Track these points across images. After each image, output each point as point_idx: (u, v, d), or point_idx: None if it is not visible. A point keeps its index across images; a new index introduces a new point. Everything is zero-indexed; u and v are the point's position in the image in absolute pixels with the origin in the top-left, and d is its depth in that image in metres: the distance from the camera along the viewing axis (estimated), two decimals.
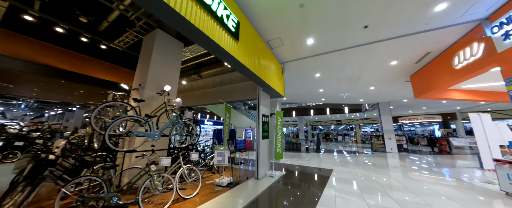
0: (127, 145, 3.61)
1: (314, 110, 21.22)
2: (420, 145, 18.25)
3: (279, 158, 5.19)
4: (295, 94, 10.48)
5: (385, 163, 7.58)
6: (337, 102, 13.11)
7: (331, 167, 6.27)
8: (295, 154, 10.06)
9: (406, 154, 10.74)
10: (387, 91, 9.35)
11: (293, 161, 7.52)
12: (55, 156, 2.75)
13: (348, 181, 4.64)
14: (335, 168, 6.10)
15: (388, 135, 11.63)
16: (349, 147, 15.35)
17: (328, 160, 8.07)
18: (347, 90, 9.34)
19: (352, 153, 11.07)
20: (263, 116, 4.99)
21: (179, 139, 4.07)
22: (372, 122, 22.13)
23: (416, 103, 12.97)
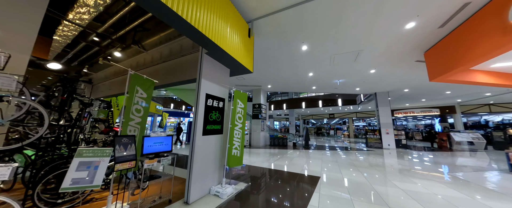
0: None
1: (306, 102, 19.69)
2: (415, 140, 17.29)
3: (237, 165, 3.43)
4: (280, 79, 8.70)
5: (386, 163, 6.06)
6: (330, 92, 11.49)
7: (318, 172, 4.64)
8: (279, 151, 8.43)
9: (404, 150, 9.38)
10: (390, 76, 7.74)
11: (269, 162, 5.86)
12: None
13: (341, 201, 3.00)
14: (324, 174, 4.48)
15: (386, 130, 10.22)
16: (341, 142, 13.99)
17: (317, 159, 6.47)
18: (343, 74, 7.64)
19: (345, 149, 9.61)
20: (209, 98, 3.14)
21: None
22: (366, 115, 20.96)
23: (416, 95, 11.59)
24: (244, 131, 3.48)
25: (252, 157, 6.69)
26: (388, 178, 4.26)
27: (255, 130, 10.20)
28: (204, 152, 2.93)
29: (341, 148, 10.35)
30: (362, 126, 32.81)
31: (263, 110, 10.73)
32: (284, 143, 10.38)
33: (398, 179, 4.16)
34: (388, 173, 4.69)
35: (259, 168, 5.00)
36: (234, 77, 8.40)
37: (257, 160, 6.06)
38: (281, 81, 9.02)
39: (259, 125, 10.12)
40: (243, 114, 3.49)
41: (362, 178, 4.17)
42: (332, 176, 4.30)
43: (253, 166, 5.23)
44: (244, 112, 3.51)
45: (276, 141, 10.40)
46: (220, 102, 3.37)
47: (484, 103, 14.38)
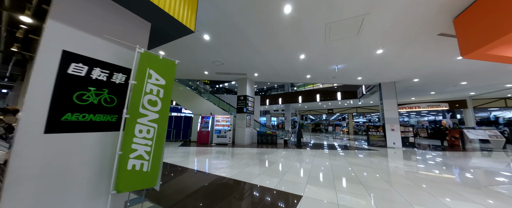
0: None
1: (303, 96, 18.25)
2: (420, 137, 15.95)
3: (141, 187, 1.81)
4: (266, 65, 7.21)
5: (394, 169, 4.67)
6: (328, 82, 10.02)
7: (301, 186, 3.25)
8: (264, 151, 7.06)
9: (412, 150, 8.01)
10: (400, 60, 6.25)
11: (239, 168, 4.47)
12: None
13: None
14: (309, 190, 3.10)
15: (391, 126, 8.82)
16: (340, 140, 12.64)
17: (306, 163, 5.10)
18: (342, 56, 6.16)
19: (343, 148, 8.26)
20: (76, 63, 1.67)
21: None
22: (367, 111, 19.55)
23: (426, 86, 10.12)
24: (165, 126, 2.05)
25: (221, 160, 5.31)
26: (404, 196, 2.87)
27: (239, 126, 8.80)
28: (53, 166, 1.49)
29: (339, 146, 8.99)
30: (362, 122, 31.50)
31: (250, 103, 9.30)
32: (274, 141, 9.02)
33: (418, 199, 2.77)
34: (401, 187, 3.30)
35: (217, 178, 3.61)
36: (212, 62, 6.98)
37: (225, 165, 4.68)
38: (268, 67, 7.54)
39: (244, 120, 8.72)
40: (165, 95, 2.05)
41: (365, 198, 2.78)
42: (320, 194, 2.91)
43: (212, 175, 3.83)
44: (166, 93, 2.07)
45: (264, 139, 9.04)
46: (118, 75, 1.92)
47: (500, 96, 12.93)
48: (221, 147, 7.83)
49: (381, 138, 9.04)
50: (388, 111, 9.10)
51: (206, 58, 6.69)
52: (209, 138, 8.58)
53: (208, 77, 9.40)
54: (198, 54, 6.40)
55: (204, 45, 5.60)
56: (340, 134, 19.60)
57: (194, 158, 5.36)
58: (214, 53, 6.21)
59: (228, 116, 8.95)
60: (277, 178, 3.59)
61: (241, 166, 4.49)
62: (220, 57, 6.56)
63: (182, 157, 5.36)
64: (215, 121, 8.89)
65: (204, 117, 9.04)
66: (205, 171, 4.01)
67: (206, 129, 8.67)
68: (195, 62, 7.17)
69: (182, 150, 6.58)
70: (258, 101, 12.69)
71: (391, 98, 9.13)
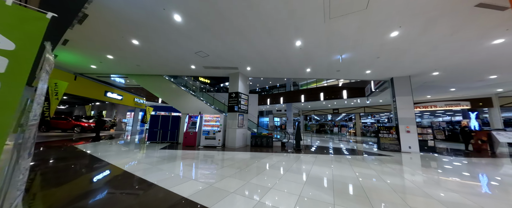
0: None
1: (306, 95, 17.09)
2: (436, 140, 14.37)
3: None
4: (257, 55, 6.21)
5: (422, 185, 3.54)
6: (331, 77, 8.88)
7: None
8: (254, 155, 6.06)
9: (432, 156, 6.75)
10: (418, 46, 5.07)
11: (198, 185, 3.44)
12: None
13: None
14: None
15: (406, 127, 7.57)
16: (346, 142, 11.41)
17: (301, 173, 4.05)
18: (347, 43, 5.05)
19: (349, 152, 7.11)
20: None
21: None
22: (377, 110, 18.08)
23: (446, 81, 8.77)
24: (8, 123, 1.11)
25: (196, 168, 4.36)
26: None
27: (230, 126, 7.84)
28: None
29: (345, 150, 7.83)
30: (370, 123, 29.77)
31: (243, 101, 8.32)
32: (269, 144, 7.99)
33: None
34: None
35: (164, 197, 2.65)
36: (195, 53, 6.01)
37: (195, 176, 3.72)
38: (261, 60, 6.54)
39: (235, 120, 7.75)
40: (11, 70, 1.11)
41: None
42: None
43: (163, 190, 2.87)
44: (14, 66, 1.13)
45: (259, 141, 8.02)
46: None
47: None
48: (209, 150, 6.90)
49: (394, 141, 7.80)
50: (402, 110, 7.85)
51: (187, 48, 5.79)
52: (196, 140, 7.66)
53: (197, 72, 8.52)
54: (176, 43, 5.50)
55: (179, 30, 4.69)
56: (347, 136, 18.24)
57: (164, 165, 4.44)
58: (194, 41, 5.29)
59: (217, 116, 8.01)
60: (252, 201, 2.57)
61: (214, 178, 3.51)
62: (203, 46, 5.64)
63: (149, 164, 4.45)
64: (203, 121, 7.97)
65: (192, 117, 8.14)
66: (158, 185, 3.06)
67: (193, 130, 7.76)
68: (176, 53, 6.29)
69: (158, 155, 5.70)
70: (255, 99, 11.71)
71: (405, 94, 7.88)
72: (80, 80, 10.36)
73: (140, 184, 3.11)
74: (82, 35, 5.31)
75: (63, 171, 3.73)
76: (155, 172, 3.82)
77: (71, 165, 4.20)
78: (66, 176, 3.40)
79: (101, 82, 12.19)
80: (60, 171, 3.72)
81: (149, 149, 6.70)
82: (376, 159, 5.90)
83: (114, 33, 5.06)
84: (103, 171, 3.80)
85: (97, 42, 5.72)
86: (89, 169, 4.00)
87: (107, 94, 12.68)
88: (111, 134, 13.33)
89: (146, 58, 6.96)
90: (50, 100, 8.31)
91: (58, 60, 7.94)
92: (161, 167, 4.23)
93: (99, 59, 7.40)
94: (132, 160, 4.82)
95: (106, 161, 4.62)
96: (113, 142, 8.65)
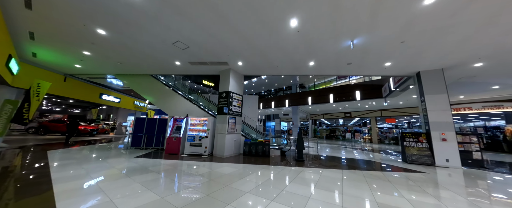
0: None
1: (313, 97, 15.57)
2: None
3: None
4: (246, 45, 5.04)
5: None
6: (341, 73, 7.44)
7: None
8: (243, 168, 4.82)
9: (483, 173, 5.01)
10: (468, 16, 3.59)
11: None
12: None
13: None
14: None
15: (442, 134, 5.89)
16: (360, 151, 9.72)
17: (295, 205, 2.75)
18: (360, 18, 3.72)
19: (366, 166, 5.58)
20: None
21: None
22: (396, 113, 15.95)
23: (491, 75, 6.93)
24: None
25: (148, 190, 3.23)
26: None
27: (219, 131, 6.69)
28: None
29: (360, 163, 6.28)
30: (387, 128, 27.03)
31: (235, 102, 7.17)
32: (266, 152, 6.68)
33: None
34: None
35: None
36: (172, 44, 4.90)
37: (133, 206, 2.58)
38: (252, 51, 5.38)
39: (225, 124, 6.59)
40: None
41: None
42: None
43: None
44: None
45: (253, 149, 6.75)
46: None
47: None
48: (193, 159, 5.78)
49: (425, 151, 6.11)
50: (434, 112, 6.19)
51: (161, 37, 4.83)
52: (180, 147, 6.60)
53: (185, 70, 7.58)
54: (146, 32, 4.57)
55: (143, 13, 3.73)
56: (361, 143, 16.24)
57: (113, 183, 3.37)
58: (163, 27, 4.30)
59: (204, 119, 6.92)
60: None
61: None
62: (178, 34, 4.64)
63: (89, 178, 3.40)
64: (189, 125, 6.91)
65: (177, 120, 7.13)
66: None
67: (177, 136, 6.72)
68: (151, 46, 5.36)
69: (125, 165, 4.68)
70: (255, 102, 10.51)
71: (438, 92, 6.23)
72: (71, 81, 9.95)
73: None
74: (42, 25, 4.60)
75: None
76: (82, 196, 2.74)
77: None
78: None
79: (96, 84, 11.82)
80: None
81: (122, 157, 5.74)
82: (404, 178, 4.36)
83: (72, 20, 4.25)
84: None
85: (63, 33, 4.97)
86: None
87: (102, 97, 12.26)
88: (109, 138, 12.81)
89: (123, 53, 6.14)
90: (31, 101, 7.82)
91: (39, 59, 7.45)
92: (106, 185, 3.16)
93: (77, 56, 6.74)
94: (78, 173, 3.81)
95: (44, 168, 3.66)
96: (92, 147, 7.88)
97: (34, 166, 4.32)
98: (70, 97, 10.22)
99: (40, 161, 4.84)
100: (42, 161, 4.84)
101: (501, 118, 18.07)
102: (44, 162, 4.78)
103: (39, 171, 3.94)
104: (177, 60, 6.49)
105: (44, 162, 4.73)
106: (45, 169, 4.07)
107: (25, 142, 8.74)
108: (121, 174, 3.93)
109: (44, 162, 4.78)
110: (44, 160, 4.95)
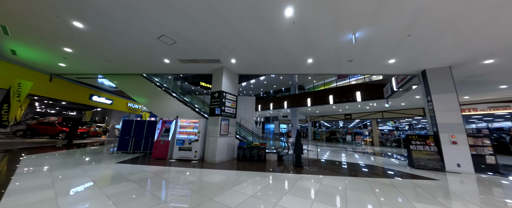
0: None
1: (312, 98, 15.12)
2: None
3: None
4: (237, 39, 4.60)
5: None
6: (341, 71, 7.00)
7: None
8: (234, 175, 4.33)
9: (498, 180, 4.53)
10: (477, 11, 3.17)
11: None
12: None
13: None
14: None
15: (452, 136, 5.43)
16: (361, 153, 9.22)
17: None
18: (364, 7, 3.28)
19: (369, 171, 5.09)
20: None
21: None
22: (398, 115, 15.49)
23: (501, 74, 6.51)
24: None
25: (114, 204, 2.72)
26: None
27: (211, 134, 6.20)
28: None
29: (363, 167, 5.79)
30: (388, 130, 26.55)
31: (229, 103, 6.70)
32: (261, 157, 6.19)
33: None
34: None
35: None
36: (157, 39, 4.42)
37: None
38: (245, 46, 4.93)
39: (217, 127, 6.11)
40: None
41: None
42: None
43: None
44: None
45: (248, 153, 6.25)
46: None
47: None
48: (181, 165, 5.28)
49: (433, 155, 5.63)
50: (442, 112, 5.74)
51: (144, 30, 4.39)
52: (169, 151, 6.09)
53: (176, 69, 7.13)
54: (126, 23, 4.13)
55: (117, 1, 3.30)
56: (362, 145, 15.74)
57: (70, 199, 2.87)
58: (145, 19, 3.86)
59: (195, 120, 6.44)
60: None
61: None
62: (162, 27, 4.20)
63: (49, 188, 2.90)
64: (178, 127, 6.42)
65: (166, 122, 6.65)
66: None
67: (165, 139, 6.22)
68: (134, 40, 4.91)
69: (98, 174, 4.18)
70: (252, 102, 10.04)
71: (446, 92, 5.79)
72: (58, 81, 9.48)
73: None
74: (14, 18, 4.16)
75: None
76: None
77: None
78: None
79: (85, 85, 11.34)
80: None
81: (103, 162, 5.22)
82: (416, 186, 3.87)
83: (42, 10, 3.81)
84: None
85: (37, 27, 4.53)
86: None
87: (92, 98, 11.77)
88: (100, 141, 12.24)
89: (107, 50, 5.70)
90: (11, 102, 7.33)
91: (20, 57, 6.98)
92: (65, 199, 2.66)
93: (59, 53, 6.29)
94: (42, 182, 3.31)
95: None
96: (77, 151, 7.35)
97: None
98: (57, 98, 9.74)
99: (9, 167, 4.33)
100: (11, 167, 4.33)
101: (505, 120, 17.69)
102: (12, 168, 4.27)
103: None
104: (166, 57, 6.05)
105: (11, 169, 4.21)
106: (8, 178, 3.56)
107: (6, 145, 8.19)
108: (91, 184, 3.42)
109: (12, 168, 4.26)
110: (13, 166, 4.44)
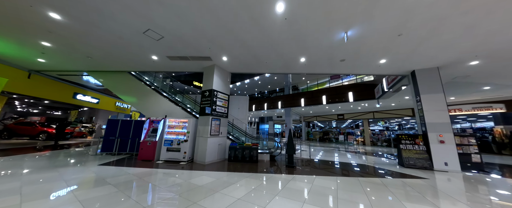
0: None
1: (306, 98, 15.17)
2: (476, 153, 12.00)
3: None
4: (228, 34, 4.44)
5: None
6: (334, 71, 7.00)
7: None
8: (223, 177, 4.17)
9: (483, 178, 4.64)
10: (469, 13, 3.20)
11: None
12: None
13: None
14: None
15: (440, 135, 5.53)
16: (354, 153, 9.30)
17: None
18: (355, 4, 3.23)
19: (361, 170, 5.09)
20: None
21: None
22: (388, 115, 15.85)
23: (485, 76, 6.75)
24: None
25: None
26: None
27: (201, 134, 5.99)
28: None
29: (356, 167, 5.79)
30: (379, 130, 27.21)
31: (220, 102, 6.51)
32: (253, 157, 6.04)
33: None
34: None
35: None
36: (143, 33, 4.13)
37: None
38: (234, 40, 4.78)
39: (207, 126, 5.90)
40: None
41: None
42: None
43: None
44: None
45: (239, 154, 6.09)
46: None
47: None
48: (168, 167, 5.03)
49: (422, 154, 5.72)
50: (430, 112, 5.85)
51: (128, 23, 4.13)
52: (156, 152, 5.81)
53: (164, 66, 6.85)
54: (108, 15, 3.86)
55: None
56: (354, 145, 15.98)
57: (38, 206, 2.61)
58: (128, 11, 3.62)
59: (184, 120, 6.20)
60: None
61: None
62: (147, 20, 3.97)
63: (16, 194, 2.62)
64: (166, 127, 6.15)
65: (154, 121, 6.36)
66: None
67: (152, 139, 5.94)
68: (118, 34, 4.63)
69: (75, 177, 3.88)
70: (245, 102, 9.88)
71: (434, 92, 5.91)
72: (37, 78, 8.89)
73: None
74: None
75: None
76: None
77: None
78: None
79: (69, 82, 10.73)
80: None
81: (84, 165, 4.88)
82: (406, 186, 3.87)
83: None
84: None
85: (9, 18, 4.15)
86: None
87: (76, 97, 11.15)
88: (86, 142, 11.62)
89: (89, 45, 5.36)
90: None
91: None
92: (33, 206, 2.39)
93: (37, 48, 5.86)
94: (8, 187, 3.00)
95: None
96: (58, 152, 6.89)
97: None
98: (36, 96, 9.13)
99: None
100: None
101: (487, 120, 18.60)
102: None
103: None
104: (154, 54, 5.78)
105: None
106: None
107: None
108: (65, 189, 3.14)
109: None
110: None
